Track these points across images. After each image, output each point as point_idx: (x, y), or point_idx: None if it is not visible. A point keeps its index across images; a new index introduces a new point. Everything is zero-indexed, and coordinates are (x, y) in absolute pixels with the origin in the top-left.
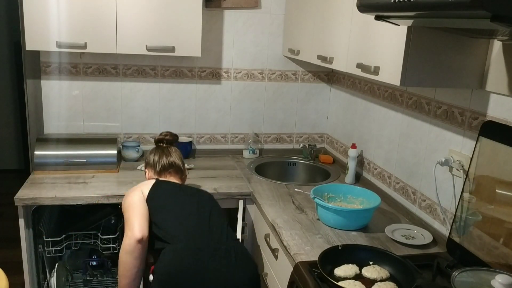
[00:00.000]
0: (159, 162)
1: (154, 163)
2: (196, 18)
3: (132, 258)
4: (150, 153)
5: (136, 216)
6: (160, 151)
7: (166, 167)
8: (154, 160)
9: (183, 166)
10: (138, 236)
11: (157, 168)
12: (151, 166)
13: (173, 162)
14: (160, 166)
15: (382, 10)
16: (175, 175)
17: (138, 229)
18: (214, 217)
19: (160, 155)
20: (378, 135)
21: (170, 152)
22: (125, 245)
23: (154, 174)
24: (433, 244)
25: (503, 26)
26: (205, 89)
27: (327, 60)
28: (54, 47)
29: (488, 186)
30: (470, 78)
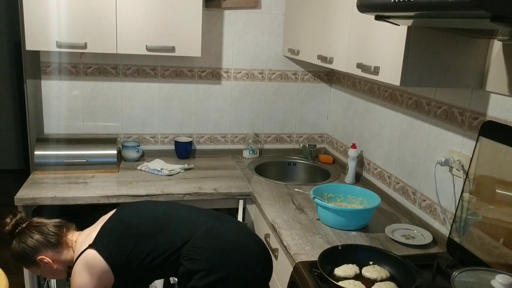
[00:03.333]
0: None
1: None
2: (196, 18)
3: None
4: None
5: None
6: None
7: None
8: (39, 240)
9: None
10: None
11: (52, 241)
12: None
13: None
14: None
15: (382, 10)
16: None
17: None
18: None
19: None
20: (378, 135)
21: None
22: None
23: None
24: (433, 244)
25: (503, 26)
26: (205, 89)
27: (327, 60)
28: (54, 47)
29: (488, 186)
30: (470, 78)
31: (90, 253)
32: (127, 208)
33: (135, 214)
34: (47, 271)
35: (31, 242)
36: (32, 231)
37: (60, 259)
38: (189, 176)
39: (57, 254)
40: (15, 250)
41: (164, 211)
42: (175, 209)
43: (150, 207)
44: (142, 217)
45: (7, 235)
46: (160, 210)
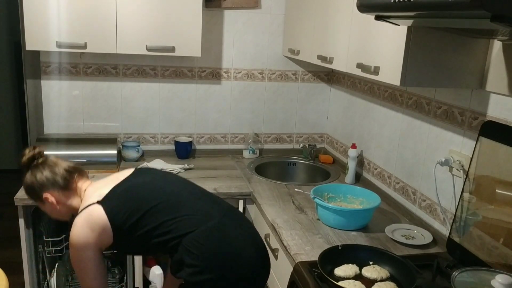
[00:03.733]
0: (56, 175)
1: (51, 180)
2: (196, 18)
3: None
4: (33, 177)
5: None
6: (44, 167)
7: (68, 176)
8: (48, 178)
9: (76, 165)
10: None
11: (60, 183)
12: (49, 186)
13: (68, 169)
14: (62, 179)
15: (382, 10)
16: (85, 179)
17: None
18: (196, 186)
19: (48, 169)
20: (378, 135)
21: (55, 162)
22: None
23: (59, 192)
24: (433, 244)
25: (503, 26)
26: (205, 89)
27: (327, 60)
28: (54, 47)
29: (488, 186)
30: (470, 78)
31: (97, 208)
32: (143, 177)
33: (149, 187)
34: (50, 210)
35: (40, 178)
36: (44, 167)
37: (65, 202)
38: (189, 176)
39: (63, 196)
40: (25, 182)
41: (176, 192)
42: (188, 191)
43: (166, 183)
44: (155, 192)
45: (22, 166)
46: (173, 190)
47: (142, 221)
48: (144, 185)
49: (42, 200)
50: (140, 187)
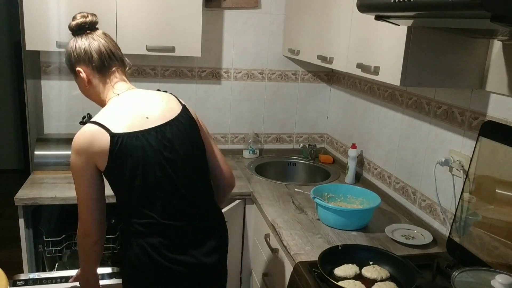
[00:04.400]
0: (95, 52)
1: (88, 54)
2: (196, 18)
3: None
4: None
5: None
6: (88, 39)
7: (107, 59)
8: (86, 52)
9: (123, 56)
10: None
11: (95, 63)
12: (85, 61)
13: (111, 53)
14: (99, 59)
15: (382, 10)
16: (120, 73)
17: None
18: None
19: (90, 43)
20: (378, 135)
21: (100, 37)
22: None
23: (93, 73)
24: (433, 244)
25: (503, 26)
26: (205, 89)
27: (327, 60)
28: (54, 47)
29: (488, 186)
30: (470, 78)
31: (105, 137)
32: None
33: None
34: (80, 86)
35: (78, 48)
36: (88, 39)
37: (96, 84)
38: None
39: (95, 78)
40: (67, 48)
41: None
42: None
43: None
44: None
45: (69, 29)
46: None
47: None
48: (155, 161)
49: (75, 72)
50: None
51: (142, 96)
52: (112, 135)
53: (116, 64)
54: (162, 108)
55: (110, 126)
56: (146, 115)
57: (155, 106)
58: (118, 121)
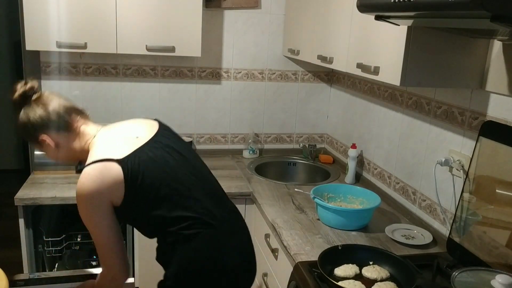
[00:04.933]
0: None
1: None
2: (196, 18)
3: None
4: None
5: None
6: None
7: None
8: (43, 118)
9: (76, 105)
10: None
11: (58, 124)
12: (46, 127)
13: (67, 107)
14: (59, 119)
15: (382, 10)
16: (85, 120)
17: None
18: (207, 173)
19: (42, 108)
20: (378, 135)
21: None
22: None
23: (58, 135)
24: (433, 244)
25: (503, 26)
26: (205, 89)
27: (327, 60)
28: (54, 47)
29: (488, 186)
30: (470, 78)
31: (115, 167)
32: (167, 151)
33: (173, 171)
34: (50, 154)
35: (33, 118)
36: (38, 105)
37: (66, 145)
38: None
39: (63, 139)
40: (18, 122)
41: (194, 185)
42: (202, 185)
43: (187, 169)
44: (177, 181)
45: (13, 103)
46: (191, 183)
47: (156, 203)
48: (167, 166)
49: (39, 142)
50: (166, 164)
51: (119, 125)
52: (120, 161)
53: (76, 115)
54: (143, 127)
55: (112, 156)
56: (135, 136)
57: (137, 127)
58: (116, 149)
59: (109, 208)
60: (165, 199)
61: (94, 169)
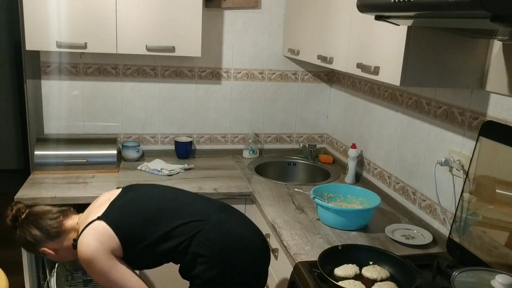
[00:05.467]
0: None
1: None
2: (196, 18)
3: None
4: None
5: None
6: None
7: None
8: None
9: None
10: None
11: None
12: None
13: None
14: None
15: (382, 10)
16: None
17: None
18: (183, 190)
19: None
20: (378, 135)
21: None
22: None
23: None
24: (433, 244)
25: (503, 26)
26: (205, 89)
27: (327, 60)
28: (54, 47)
29: (488, 186)
30: (470, 78)
31: (99, 223)
32: (136, 190)
33: (147, 197)
34: (53, 258)
35: (30, 237)
36: (30, 226)
37: (63, 247)
38: (189, 176)
39: (59, 244)
40: (19, 241)
41: (173, 198)
42: (182, 196)
43: (159, 191)
44: (154, 201)
45: (8, 226)
46: (169, 197)
47: (148, 231)
48: (141, 197)
49: (40, 253)
50: (138, 199)
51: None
52: (100, 217)
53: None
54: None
55: (92, 218)
56: (107, 199)
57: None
58: (94, 214)
59: (113, 259)
60: (154, 222)
61: (85, 234)
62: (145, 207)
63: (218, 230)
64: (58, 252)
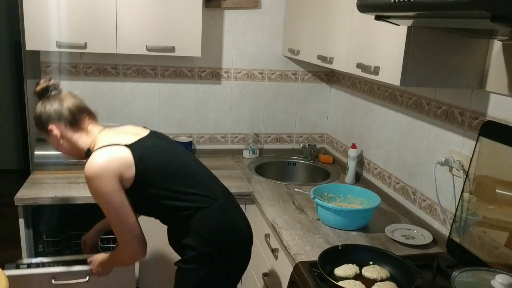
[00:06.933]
0: (65, 110)
1: (58, 113)
2: (196, 18)
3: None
4: (42, 108)
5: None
6: (56, 100)
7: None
8: (56, 111)
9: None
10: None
11: (67, 119)
12: (56, 119)
13: (80, 107)
14: (70, 115)
15: (382, 10)
16: (92, 121)
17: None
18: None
19: (58, 103)
20: (378, 135)
21: (68, 96)
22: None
23: (66, 128)
24: (433, 244)
25: (503, 26)
26: (205, 89)
27: (327, 60)
28: (54, 47)
29: (488, 186)
30: (470, 78)
31: (125, 151)
32: (164, 139)
33: (174, 153)
34: (54, 143)
35: (48, 109)
36: (55, 100)
37: (70, 138)
38: None
39: (69, 132)
40: (35, 112)
41: (193, 166)
42: (200, 168)
43: (182, 152)
44: (179, 160)
45: (35, 94)
46: (191, 164)
47: (164, 182)
48: (170, 150)
49: (47, 131)
50: (167, 150)
51: (118, 127)
52: (128, 146)
53: (86, 116)
54: (139, 128)
55: (120, 142)
56: (135, 132)
57: (134, 128)
58: (122, 139)
59: (118, 185)
60: (172, 178)
61: (103, 150)
62: (170, 161)
63: (221, 214)
64: (62, 140)
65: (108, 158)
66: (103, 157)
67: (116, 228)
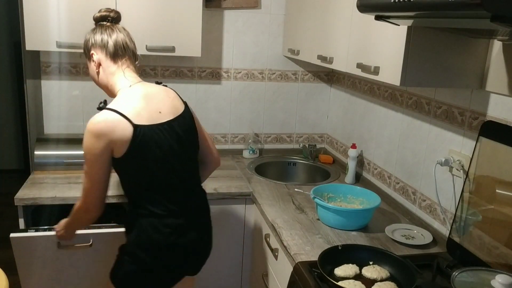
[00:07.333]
0: (111, 41)
1: (104, 42)
2: (196, 18)
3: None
4: (92, 33)
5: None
6: (107, 30)
7: (121, 48)
8: (103, 40)
9: (136, 50)
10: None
11: (110, 50)
12: (100, 47)
13: (126, 45)
14: (113, 47)
15: (382, 10)
16: (130, 64)
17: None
18: (192, 164)
19: (109, 33)
20: (378, 135)
21: (120, 30)
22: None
23: (106, 57)
24: (433, 244)
25: (503, 26)
26: (205, 89)
27: (327, 60)
28: (54, 47)
29: (488, 186)
30: (470, 78)
31: (128, 128)
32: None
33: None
34: (92, 71)
35: (97, 37)
36: (107, 30)
37: (106, 69)
38: None
39: (107, 63)
40: (85, 36)
41: (176, 168)
42: (183, 169)
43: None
44: (168, 171)
45: (93, 19)
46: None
47: (144, 177)
48: (169, 154)
49: (89, 56)
50: (166, 156)
51: (152, 91)
52: (134, 127)
53: (128, 55)
54: (170, 105)
55: (131, 117)
56: (159, 109)
57: (165, 102)
58: (137, 113)
59: (109, 153)
60: (151, 180)
61: (112, 117)
62: (159, 168)
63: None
64: (101, 69)
65: (109, 128)
66: (105, 121)
67: (85, 183)
